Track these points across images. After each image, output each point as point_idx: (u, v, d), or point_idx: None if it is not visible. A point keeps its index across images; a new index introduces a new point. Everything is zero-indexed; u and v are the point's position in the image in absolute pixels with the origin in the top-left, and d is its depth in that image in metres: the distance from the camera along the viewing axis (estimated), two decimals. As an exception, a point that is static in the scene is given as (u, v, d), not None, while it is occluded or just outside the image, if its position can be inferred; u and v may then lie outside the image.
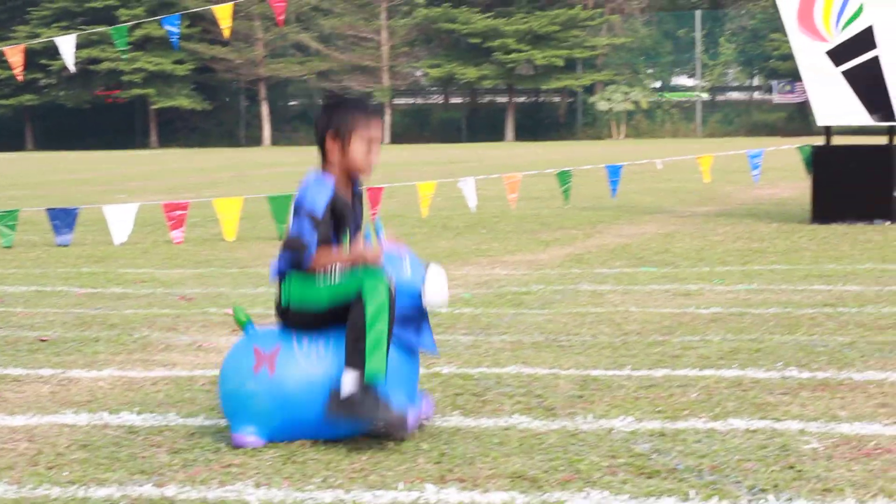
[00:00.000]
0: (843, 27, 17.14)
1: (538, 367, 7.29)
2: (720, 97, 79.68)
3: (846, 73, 17.09)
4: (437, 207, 19.37)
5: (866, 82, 16.96)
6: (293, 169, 38.35)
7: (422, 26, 79.04)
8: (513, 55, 75.34)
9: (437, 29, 78.23)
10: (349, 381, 5.50)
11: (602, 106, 74.73)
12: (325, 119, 5.81)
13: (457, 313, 9.56)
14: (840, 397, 6.37)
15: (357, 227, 5.86)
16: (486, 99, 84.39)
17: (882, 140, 17.31)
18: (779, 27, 19.23)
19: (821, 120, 17.38)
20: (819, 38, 17.24)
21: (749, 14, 77.37)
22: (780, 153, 25.35)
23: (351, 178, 5.85)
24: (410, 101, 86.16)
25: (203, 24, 72.61)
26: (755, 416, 5.99)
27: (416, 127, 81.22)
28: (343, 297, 5.56)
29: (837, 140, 17.75)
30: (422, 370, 6.75)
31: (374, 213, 15.61)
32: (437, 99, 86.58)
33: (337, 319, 5.61)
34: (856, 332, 8.25)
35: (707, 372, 7.05)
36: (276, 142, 79.81)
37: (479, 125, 79.90)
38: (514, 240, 15.58)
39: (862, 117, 17.08)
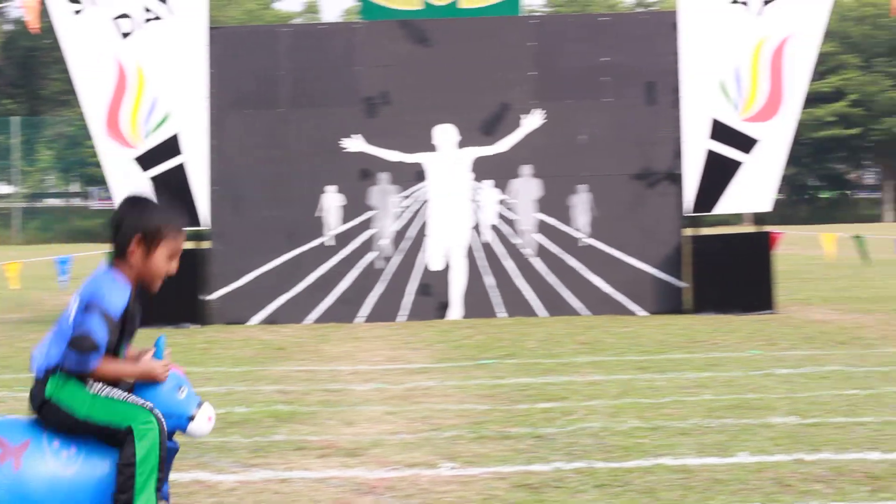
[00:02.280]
0: (149, 134, 17.39)
1: None
2: (39, 203, 78.52)
3: (154, 179, 17.32)
4: None
5: (173, 188, 17.24)
6: None
7: None
8: None
9: None
10: None
11: None
12: (137, 218, 5.36)
13: None
14: None
15: (132, 339, 5.42)
16: None
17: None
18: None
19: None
20: (126, 145, 17.39)
21: (67, 121, 76.98)
22: (96, 258, 25.24)
23: (141, 286, 5.40)
24: None
25: None
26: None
27: None
28: (107, 418, 5.16)
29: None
30: None
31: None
32: None
33: (91, 433, 5.20)
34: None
35: None
36: None
37: None
38: None
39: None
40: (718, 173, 17.43)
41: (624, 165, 17.78)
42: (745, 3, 17.43)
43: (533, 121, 17.85)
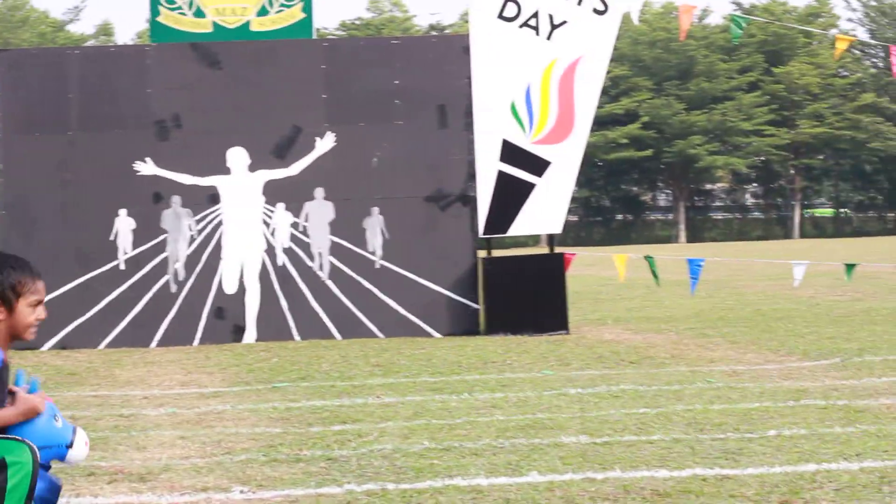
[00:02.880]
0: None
1: None
2: None
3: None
4: None
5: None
6: None
7: None
8: None
9: None
10: None
11: None
12: None
13: None
14: None
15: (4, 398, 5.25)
16: None
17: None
18: None
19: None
20: None
21: None
22: None
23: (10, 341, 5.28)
24: None
25: None
26: None
27: None
28: None
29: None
30: None
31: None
32: None
33: None
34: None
35: None
36: None
37: None
38: None
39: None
40: (511, 195, 17.65)
41: (417, 188, 17.90)
42: (534, 28, 17.70)
43: (325, 144, 17.86)
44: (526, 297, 17.48)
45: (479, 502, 6.79)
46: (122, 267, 17.61)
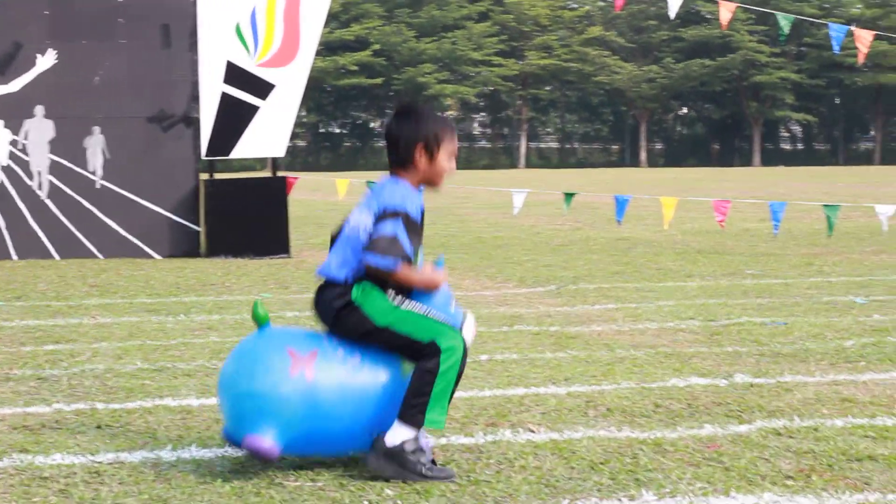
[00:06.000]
0: None
1: None
2: None
3: None
4: None
5: None
6: None
7: None
8: None
9: None
10: (399, 435, 5.37)
11: None
12: (416, 128, 5.60)
13: None
14: None
15: (421, 245, 5.61)
16: None
17: None
18: None
19: None
20: None
21: None
22: None
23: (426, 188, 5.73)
24: None
25: None
26: None
27: None
28: (409, 329, 5.40)
29: None
30: None
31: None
32: None
33: (383, 342, 5.44)
34: None
35: None
36: None
37: None
38: None
39: None
40: (235, 118, 17.56)
41: (139, 108, 17.68)
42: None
43: (46, 61, 17.45)
44: (247, 220, 17.49)
45: (189, 422, 6.83)
46: None
